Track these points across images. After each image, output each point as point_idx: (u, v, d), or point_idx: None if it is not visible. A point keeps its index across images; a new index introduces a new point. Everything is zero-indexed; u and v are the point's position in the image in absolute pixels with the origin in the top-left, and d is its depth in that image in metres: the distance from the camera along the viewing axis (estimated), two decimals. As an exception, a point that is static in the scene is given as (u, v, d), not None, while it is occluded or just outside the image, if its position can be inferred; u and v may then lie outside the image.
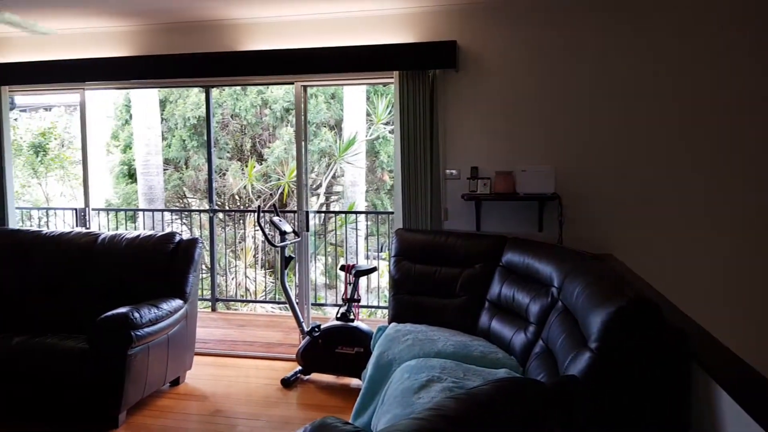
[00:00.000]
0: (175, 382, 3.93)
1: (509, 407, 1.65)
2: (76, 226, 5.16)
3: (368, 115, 7.97)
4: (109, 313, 3.35)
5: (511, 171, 3.91)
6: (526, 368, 2.84)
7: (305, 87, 4.48)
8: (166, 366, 3.68)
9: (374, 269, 4.17)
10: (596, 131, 3.92)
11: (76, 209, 5.25)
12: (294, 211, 5.36)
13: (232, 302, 6.82)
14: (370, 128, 8.01)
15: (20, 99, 8.69)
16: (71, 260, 4.06)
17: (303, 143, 4.50)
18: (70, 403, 3.38)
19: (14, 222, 4.88)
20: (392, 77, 4.11)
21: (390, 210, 8.01)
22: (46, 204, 8.15)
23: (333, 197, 8.47)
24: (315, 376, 4.06)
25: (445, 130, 4.07)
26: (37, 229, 4.73)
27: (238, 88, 7.90)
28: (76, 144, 8.43)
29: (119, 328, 3.27)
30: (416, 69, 3.96)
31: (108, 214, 6.82)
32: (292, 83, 4.46)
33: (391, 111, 7.54)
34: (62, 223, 6.78)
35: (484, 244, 3.64)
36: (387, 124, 7.83)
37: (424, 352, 2.99)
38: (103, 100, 8.54)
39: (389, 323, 3.59)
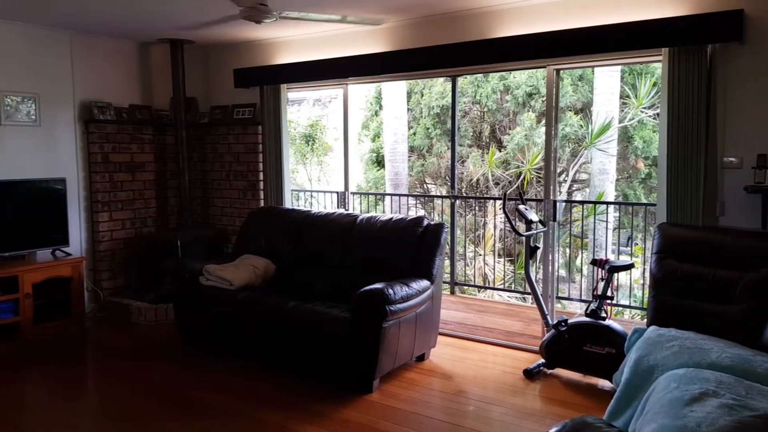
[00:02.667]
0: (421, 358, 4.14)
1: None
2: (337, 207, 5.73)
3: (622, 96, 7.38)
4: (367, 287, 3.65)
5: (814, 159, 3.27)
6: (831, 396, 2.35)
7: (558, 71, 4.30)
8: (414, 341, 3.90)
9: (631, 266, 3.85)
10: None
11: (337, 192, 5.83)
12: (538, 200, 5.23)
13: (471, 287, 6.95)
14: (623, 111, 7.42)
15: (291, 95, 9.94)
16: (334, 237, 4.52)
17: (553, 129, 4.34)
18: (332, 364, 3.77)
19: (288, 202, 5.61)
20: (658, 55, 3.72)
21: (644, 201, 7.38)
22: (309, 187, 9.24)
23: (576, 185, 8.07)
24: (559, 371, 3.92)
25: (724, 112, 3.56)
26: (308, 209, 5.36)
27: (480, 75, 7.96)
28: (332, 134, 9.36)
29: (376, 302, 3.54)
30: (690, 44, 3.51)
31: (360, 197, 7.45)
32: (544, 67, 4.33)
33: (653, 93, 6.89)
34: (322, 205, 7.60)
35: (774, 245, 3.10)
36: (645, 107, 7.16)
37: (694, 362, 2.66)
38: (357, 93, 9.33)
39: (647, 326, 3.29)
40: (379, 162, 9.39)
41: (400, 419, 3.33)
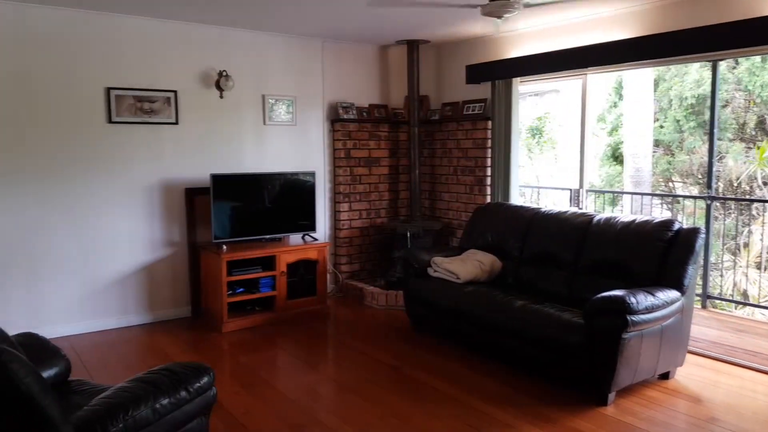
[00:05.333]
0: (665, 376, 3.71)
1: None
2: (569, 205, 5.41)
3: None
4: (606, 294, 3.36)
5: None
6: None
7: None
8: (657, 357, 3.49)
9: None
10: None
11: (570, 189, 5.50)
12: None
13: (727, 302, 6.03)
14: None
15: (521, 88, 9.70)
16: (566, 237, 4.28)
17: None
18: (561, 369, 3.58)
19: (515, 198, 5.46)
20: None
21: None
22: (536, 183, 8.93)
23: None
24: None
25: None
26: (536, 206, 5.15)
27: (758, 60, 6.79)
28: (556, 128, 8.89)
29: (616, 310, 3.24)
30: None
31: (594, 196, 6.96)
32: None
33: None
34: (550, 202, 7.26)
35: None
36: None
37: None
38: (593, 85, 8.72)
39: None
40: (616, 158, 8.66)
41: (639, 441, 3.00)
